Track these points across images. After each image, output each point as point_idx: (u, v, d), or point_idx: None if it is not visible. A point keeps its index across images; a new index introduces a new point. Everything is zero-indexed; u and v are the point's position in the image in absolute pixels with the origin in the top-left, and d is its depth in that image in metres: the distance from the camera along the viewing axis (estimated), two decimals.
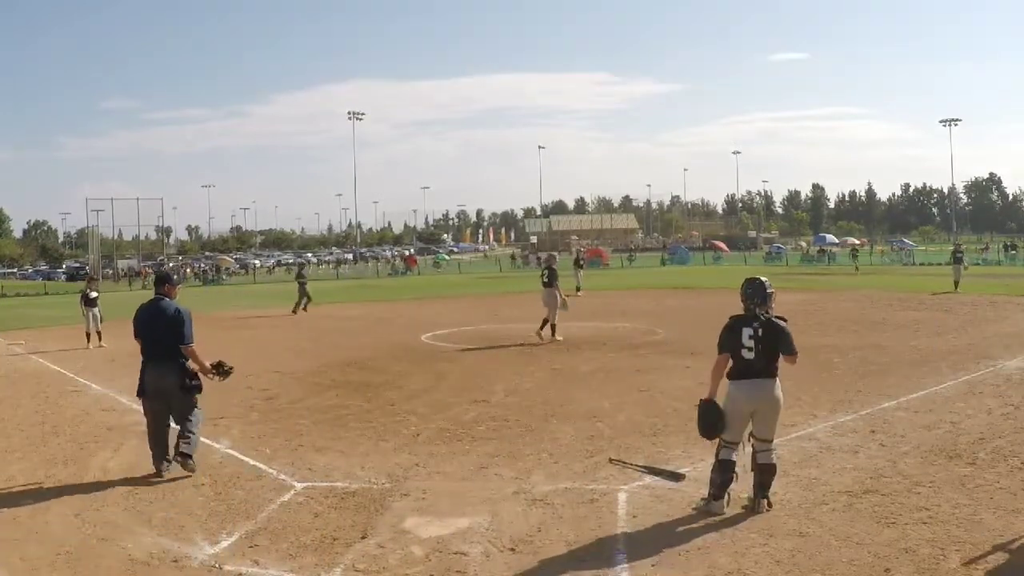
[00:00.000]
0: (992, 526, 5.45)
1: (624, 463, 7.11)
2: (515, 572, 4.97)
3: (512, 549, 5.30)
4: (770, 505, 5.88)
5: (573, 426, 8.66)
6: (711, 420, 6.00)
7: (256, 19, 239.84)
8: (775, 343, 5.94)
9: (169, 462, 7.25)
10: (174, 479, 7.06)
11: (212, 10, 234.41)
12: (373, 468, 7.23)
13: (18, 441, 8.72)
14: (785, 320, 6.10)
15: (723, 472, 5.91)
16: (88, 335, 17.40)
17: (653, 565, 5.01)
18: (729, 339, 6.00)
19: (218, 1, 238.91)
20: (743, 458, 6.04)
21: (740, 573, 4.86)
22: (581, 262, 33.11)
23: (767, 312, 6.02)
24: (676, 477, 6.68)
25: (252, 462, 7.53)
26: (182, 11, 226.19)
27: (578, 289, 28.27)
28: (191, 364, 7.39)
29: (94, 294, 17.93)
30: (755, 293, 6.04)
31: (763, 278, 6.15)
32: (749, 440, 6.07)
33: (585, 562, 5.07)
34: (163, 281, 7.70)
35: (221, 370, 7.63)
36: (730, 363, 6.00)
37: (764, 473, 5.93)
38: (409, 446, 8.01)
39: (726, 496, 5.90)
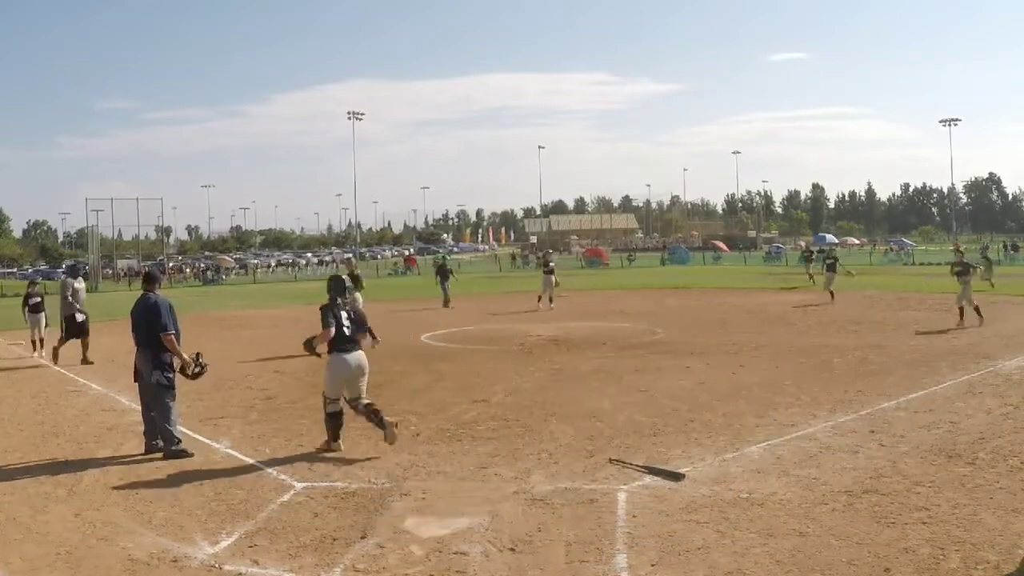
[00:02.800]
0: (992, 526, 5.45)
1: (624, 463, 7.11)
2: (515, 572, 4.97)
3: (512, 549, 5.30)
4: (396, 426, 7.72)
5: (573, 426, 8.66)
6: (311, 344, 7.79)
7: (255, 19, 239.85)
8: (360, 323, 7.99)
9: (157, 446, 7.89)
10: (174, 479, 7.07)
11: (211, 10, 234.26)
12: (373, 468, 7.23)
13: (18, 441, 8.72)
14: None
15: (334, 421, 7.81)
16: (34, 343, 16.02)
17: (653, 565, 5.00)
18: (334, 318, 7.69)
19: (217, 1, 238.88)
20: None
21: (740, 573, 4.86)
22: (549, 264, 25.49)
23: (346, 301, 8.10)
24: (676, 477, 6.68)
25: (252, 462, 7.53)
26: (181, 11, 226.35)
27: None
28: (169, 357, 7.98)
29: (36, 299, 16.42)
30: (338, 286, 8.05)
31: (344, 276, 8.54)
32: (349, 405, 7.76)
33: (585, 562, 5.07)
34: (148, 279, 8.57)
35: (198, 363, 8.20)
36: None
37: (372, 412, 7.70)
38: (409, 446, 8.00)
39: (340, 438, 7.82)
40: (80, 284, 15.60)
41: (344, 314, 7.76)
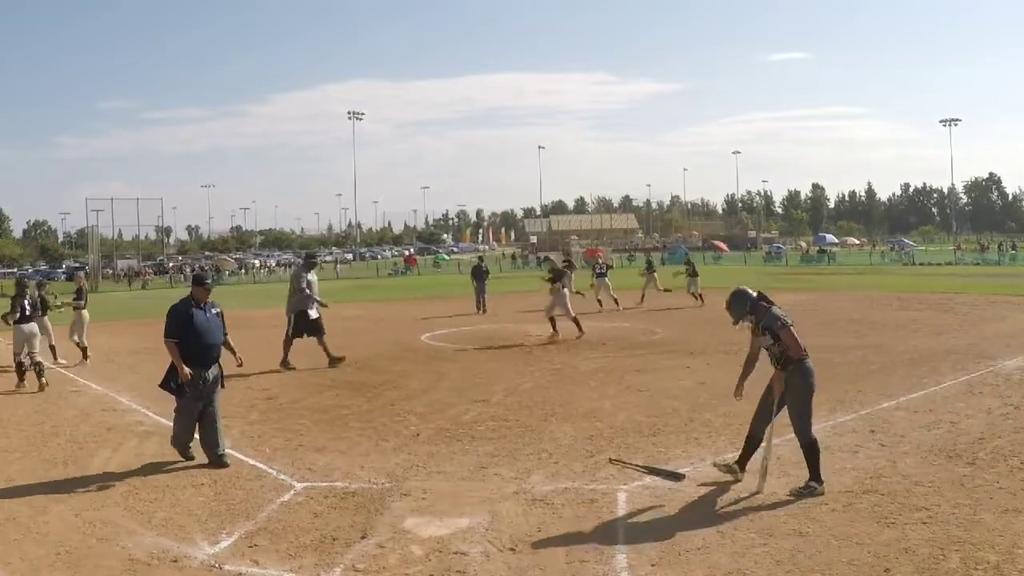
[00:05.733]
0: (992, 526, 5.45)
1: (624, 463, 7.11)
2: (515, 572, 4.97)
3: (512, 549, 5.30)
4: (46, 385, 11.63)
5: (573, 426, 8.66)
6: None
7: (255, 19, 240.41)
8: (36, 307, 12.69)
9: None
10: (174, 479, 7.07)
11: (211, 10, 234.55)
12: (373, 468, 7.23)
13: (18, 441, 8.71)
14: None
15: (29, 368, 11.77)
16: (84, 349, 14.66)
17: (653, 565, 5.01)
18: (20, 307, 12.17)
19: (217, 1, 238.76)
20: None
21: (740, 573, 4.86)
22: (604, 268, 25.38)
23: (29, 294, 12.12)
24: (676, 477, 6.68)
25: (252, 462, 7.53)
26: (181, 11, 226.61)
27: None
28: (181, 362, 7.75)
29: (59, 301, 15.04)
30: (21, 287, 12.51)
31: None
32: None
33: (585, 562, 5.07)
34: (194, 282, 7.99)
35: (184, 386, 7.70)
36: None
37: (38, 365, 11.65)
38: (409, 446, 8.00)
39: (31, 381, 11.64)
40: (314, 277, 13.91)
41: (27, 302, 12.31)
